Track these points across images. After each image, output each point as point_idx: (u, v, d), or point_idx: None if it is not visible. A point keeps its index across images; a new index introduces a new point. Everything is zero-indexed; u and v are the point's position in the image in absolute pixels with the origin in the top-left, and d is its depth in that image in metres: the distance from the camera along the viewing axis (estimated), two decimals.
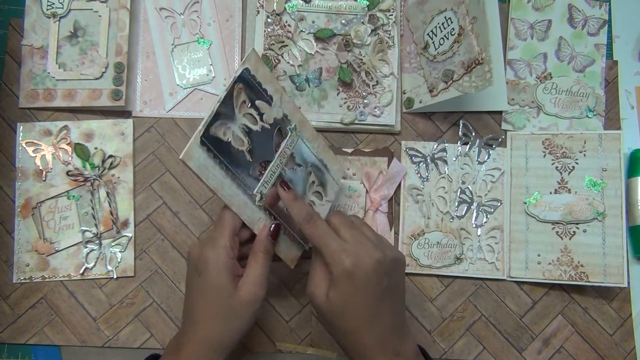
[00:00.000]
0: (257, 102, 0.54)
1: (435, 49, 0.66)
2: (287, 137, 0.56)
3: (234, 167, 0.52)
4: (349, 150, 0.68)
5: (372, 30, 0.68)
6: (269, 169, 0.54)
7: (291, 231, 0.57)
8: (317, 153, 0.60)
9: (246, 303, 0.50)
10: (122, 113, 0.68)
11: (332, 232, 0.51)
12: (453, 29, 0.63)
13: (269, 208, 0.55)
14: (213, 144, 0.51)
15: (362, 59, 0.68)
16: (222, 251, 0.51)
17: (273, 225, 0.54)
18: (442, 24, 0.65)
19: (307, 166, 0.58)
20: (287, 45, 0.68)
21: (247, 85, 0.52)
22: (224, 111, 0.51)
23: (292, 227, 0.57)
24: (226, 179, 0.52)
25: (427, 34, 0.67)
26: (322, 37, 0.68)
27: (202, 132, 0.50)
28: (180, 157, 0.49)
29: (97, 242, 0.65)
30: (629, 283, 0.67)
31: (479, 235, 0.67)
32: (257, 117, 0.54)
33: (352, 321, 0.49)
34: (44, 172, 0.66)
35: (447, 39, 0.64)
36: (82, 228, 0.65)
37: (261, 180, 0.54)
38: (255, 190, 0.54)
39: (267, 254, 0.53)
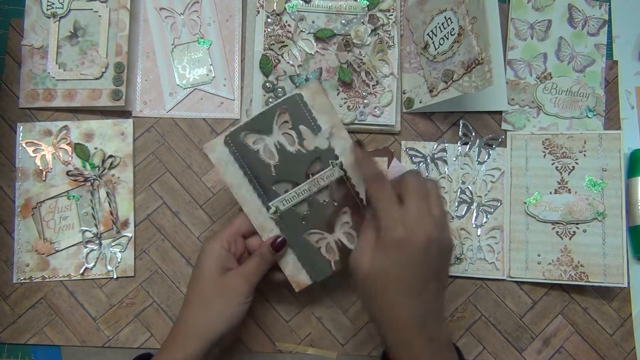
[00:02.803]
0: (301, 127, 0.54)
1: (435, 49, 0.66)
2: (326, 169, 0.55)
3: (256, 174, 0.54)
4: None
5: (372, 30, 0.68)
6: (294, 190, 0.55)
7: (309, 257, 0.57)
8: (362, 199, 0.56)
9: (229, 291, 0.52)
10: (122, 113, 0.68)
11: (395, 199, 0.48)
12: (453, 29, 0.63)
13: (275, 251, 0.55)
14: (238, 148, 0.54)
15: (362, 59, 0.68)
16: (217, 243, 0.53)
17: (279, 239, 0.55)
18: (442, 24, 0.65)
19: (342, 205, 0.56)
20: (287, 45, 0.68)
21: (294, 108, 0.54)
22: (261, 125, 0.54)
23: (309, 253, 0.57)
24: (244, 181, 0.54)
25: (427, 34, 0.67)
26: (322, 37, 0.68)
27: (228, 134, 0.53)
28: (203, 147, 0.52)
29: (97, 242, 0.65)
30: (629, 283, 0.67)
31: (479, 235, 0.67)
32: (296, 140, 0.54)
33: (393, 295, 0.46)
34: (44, 172, 0.66)
35: (447, 39, 0.64)
36: (82, 228, 0.65)
37: (282, 197, 0.55)
38: (271, 203, 0.55)
39: (263, 259, 0.55)
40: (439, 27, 0.65)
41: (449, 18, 0.64)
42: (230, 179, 0.54)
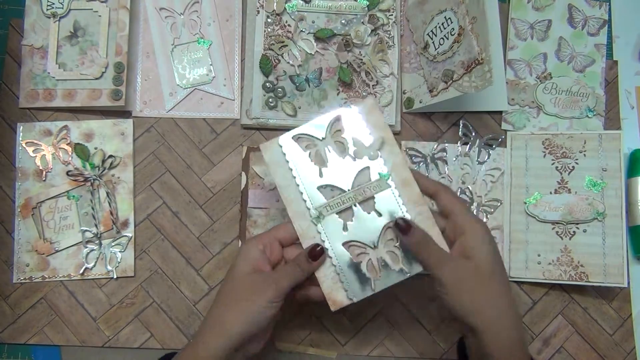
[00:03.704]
0: (354, 137, 0.55)
1: (435, 49, 0.66)
2: (374, 180, 0.54)
3: (304, 178, 0.54)
4: None
5: (372, 30, 0.68)
6: (339, 197, 0.54)
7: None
8: (412, 218, 0.54)
9: (254, 291, 0.51)
10: (122, 113, 0.68)
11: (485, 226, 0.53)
12: (453, 29, 0.63)
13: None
14: (290, 150, 0.55)
15: (362, 59, 0.68)
16: (253, 244, 0.53)
17: (318, 248, 0.53)
18: (442, 24, 0.65)
19: (389, 220, 0.54)
20: (287, 45, 0.68)
21: (350, 121, 0.55)
22: (315, 130, 0.55)
23: (348, 267, 0.54)
24: (292, 183, 0.54)
25: (427, 34, 0.67)
26: (322, 37, 0.68)
27: (283, 136, 0.55)
28: (259, 145, 0.55)
29: (97, 242, 0.65)
30: (629, 283, 0.67)
31: None
32: (347, 148, 0.55)
33: (502, 283, 0.51)
34: (44, 172, 0.66)
35: (447, 39, 0.64)
36: (82, 228, 0.65)
37: (326, 202, 0.54)
38: (315, 207, 0.54)
39: (298, 267, 0.53)
40: (439, 27, 0.65)
41: (449, 18, 0.64)
42: (279, 180, 0.55)
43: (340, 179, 0.55)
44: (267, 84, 0.67)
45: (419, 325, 0.66)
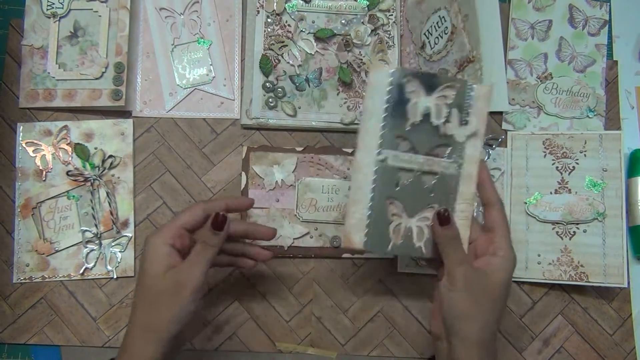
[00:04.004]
0: (455, 110, 0.53)
1: (431, 49, 0.66)
2: (448, 160, 0.54)
3: (393, 118, 0.53)
4: (349, 150, 0.68)
5: (372, 30, 0.68)
6: (411, 155, 0.53)
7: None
8: (454, 212, 0.54)
9: (174, 288, 0.50)
10: (122, 113, 0.68)
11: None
12: (446, 27, 0.63)
13: None
14: (397, 85, 0.53)
15: (362, 59, 0.68)
16: (159, 239, 0.51)
17: (220, 216, 0.52)
18: (437, 23, 0.65)
19: (437, 201, 0.54)
20: (287, 45, 0.68)
21: (461, 92, 0.53)
22: (429, 82, 0.53)
23: (379, 220, 0.53)
24: (379, 115, 0.53)
25: (424, 34, 0.67)
26: (322, 37, 0.68)
27: (399, 69, 0.52)
28: (372, 65, 0.54)
29: (97, 242, 0.65)
30: (629, 283, 0.67)
31: None
32: (445, 118, 0.53)
33: (498, 311, 0.52)
34: (44, 172, 0.66)
35: (441, 38, 0.64)
36: (82, 228, 0.65)
37: (397, 152, 0.53)
38: (385, 149, 0.53)
39: (206, 244, 0.51)
40: (434, 26, 0.65)
41: (443, 17, 0.63)
42: (370, 105, 0.53)
43: (421, 140, 0.53)
44: (267, 84, 0.67)
45: (419, 325, 0.66)
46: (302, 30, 0.68)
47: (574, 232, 0.66)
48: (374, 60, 0.68)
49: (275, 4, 0.68)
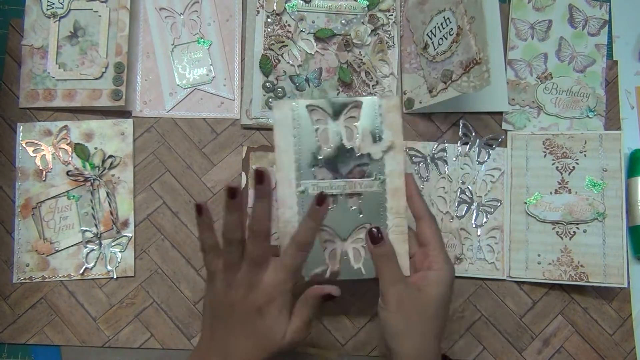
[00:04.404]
0: (365, 128, 0.54)
1: (435, 49, 0.66)
2: (369, 179, 0.54)
3: (304, 149, 0.54)
4: None
5: (372, 30, 0.68)
6: (329, 181, 0.54)
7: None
8: (389, 227, 0.55)
9: (288, 346, 0.51)
10: (122, 113, 0.68)
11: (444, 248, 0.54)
12: (451, 29, 0.63)
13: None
14: (301, 118, 0.54)
15: (362, 59, 0.68)
16: (288, 296, 0.51)
17: (327, 291, 0.51)
18: (441, 24, 0.64)
19: (367, 221, 0.55)
20: (287, 45, 0.68)
21: (368, 110, 0.54)
22: (332, 108, 0.54)
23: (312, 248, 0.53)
24: (291, 149, 0.54)
25: (427, 34, 0.67)
26: (322, 37, 0.68)
27: (299, 102, 0.54)
28: (274, 102, 0.56)
29: (97, 242, 0.65)
30: (629, 283, 0.67)
31: (479, 235, 0.67)
32: (355, 138, 0.54)
33: (437, 327, 0.52)
34: (44, 172, 0.66)
35: (446, 39, 0.64)
36: (82, 228, 0.65)
37: (315, 181, 0.54)
38: (303, 181, 0.54)
39: (314, 309, 0.52)
40: (438, 27, 0.65)
41: (448, 18, 0.63)
42: (280, 142, 0.54)
43: (337, 165, 0.55)
44: (267, 84, 0.67)
45: None
46: (302, 30, 0.68)
47: (574, 232, 0.66)
48: (374, 60, 0.68)
49: (275, 4, 0.68)
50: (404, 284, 0.52)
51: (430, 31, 0.66)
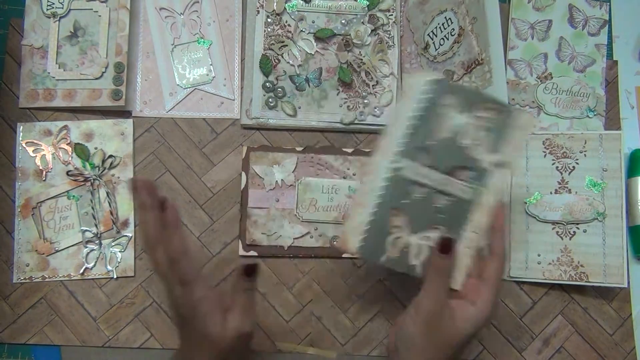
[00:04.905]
0: (487, 135, 0.51)
1: (436, 50, 0.66)
2: (467, 184, 0.51)
3: (420, 127, 0.51)
4: (349, 150, 0.68)
5: (372, 30, 0.68)
6: (428, 169, 0.51)
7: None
8: (458, 237, 0.52)
9: (234, 341, 0.51)
10: (122, 113, 0.68)
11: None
12: (453, 29, 0.63)
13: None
14: (433, 96, 0.50)
15: (362, 59, 0.68)
16: (210, 292, 0.51)
17: (247, 265, 0.52)
18: (443, 24, 0.65)
19: (444, 222, 0.52)
20: (287, 45, 0.68)
21: (500, 118, 0.51)
22: (469, 99, 0.51)
23: (378, 229, 0.52)
24: (406, 121, 0.51)
25: (428, 35, 0.67)
26: (322, 37, 0.68)
27: (441, 79, 0.50)
28: (415, 75, 0.52)
29: (97, 242, 0.65)
30: (629, 283, 0.67)
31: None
32: (474, 139, 0.51)
33: (456, 355, 0.51)
34: (44, 172, 0.66)
35: (447, 39, 0.64)
36: (82, 228, 0.65)
37: (415, 164, 0.51)
38: (403, 158, 0.51)
39: (247, 292, 0.52)
40: (440, 27, 0.65)
41: (449, 18, 0.63)
42: (401, 109, 0.51)
43: (443, 157, 0.51)
44: (267, 84, 0.67)
45: None
46: (302, 30, 0.68)
47: (574, 232, 0.66)
48: (374, 60, 0.68)
49: (275, 4, 0.68)
50: (443, 305, 0.50)
51: (432, 31, 0.66)
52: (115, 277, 0.65)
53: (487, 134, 0.51)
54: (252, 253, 0.66)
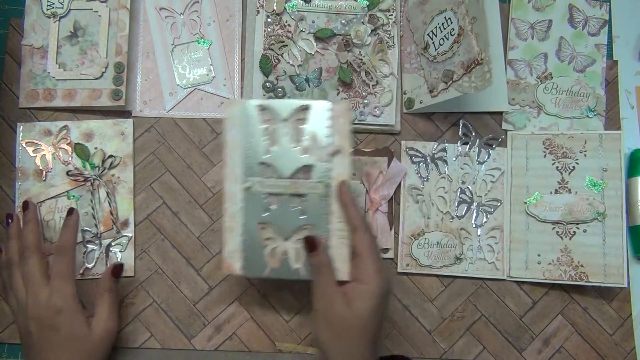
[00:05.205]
0: (314, 131, 0.55)
1: (435, 50, 0.66)
2: (314, 180, 0.55)
3: (252, 147, 0.56)
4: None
5: (372, 30, 0.68)
6: (275, 180, 0.56)
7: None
8: (332, 232, 0.56)
9: (102, 339, 0.57)
10: (122, 113, 0.68)
11: (377, 249, 0.54)
12: (453, 29, 0.63)
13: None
14: (250, 117, 0.56)
15: (362, 59, 0.68)
16: (72, 300, 0.55)
17: (115, 265, 0.59)
18: (442, 24, 0.64)
19: (311, 222, 0.56)
20: (287, 45, 0.68)
21: (317, 113, 0.55)
22: (282, 109, 0.56)
23: (253, 246, 0.57)
24: (240, 146, 0.56)
25: (427, 35, 0.67)
26: (322, 37, 0.68)
27: (250, 101, 0.56)
28: (226, 101, 0.59)
29: (97, 242, 0.65)
30: (629, 283, 0.67)
31: (479, 235, 0.67)
32: (303, 140, 0.56)
33: (369, 338, 0.52)
34: (44, 172, 0.66)
35: (447, 39, 0.64)
36: (82, 228, 0.65)
37: (261, 179, 0.56)
38: (250, 178, 0.56)
39: (112, 292, 0.58)
40: (439, 27, 0.65)
41: (449, 18, 0.63)
42: (231, 138, 0.56)
43: (284, 165, 0.56)
44: (267, 84, 0.67)
45: (419, 325, 0.66)
46: (302, 30, 0.68)
47: (574, 232, 0.66)
48: (374, 60, 0.68)
49: (275, 4, 0.68)
50: (333, 297, 0.52)
51: (431, 31, 0.66)
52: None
53: (312, 130, 0.55)
54: None
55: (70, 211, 0.59)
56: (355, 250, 0.53)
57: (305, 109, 0.56)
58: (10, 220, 0.60)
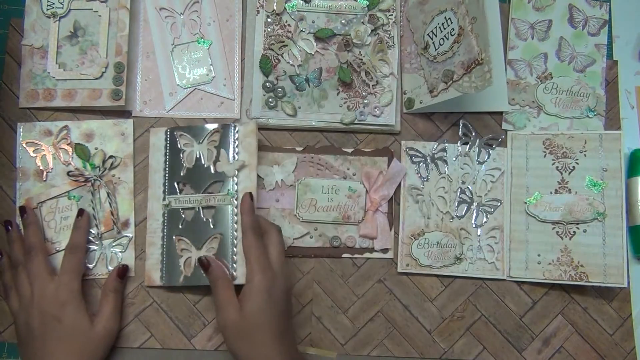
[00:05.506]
0: (222, 150, 0.63)
1: (435, 50, 0.66)
2: (221, 194, 0.62)
3: (171, 168, 0.64)
4: (349, 150, 0.68)
5: (372, 30, 0.68)
6: (188, 195, 0.63)
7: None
8: (238, 242, 0.61)
9: (103, 337, 0.59)
10: (122, 113, 0.68)
11: (264, 250, 0.57)
12: (453, 29, 0.63)
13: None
14: (171, 142, 0.65)
15: (362, 59, 0.68)
16: (77, 294, 0.58)
17: (121, 266, 0.63)
18: (442, 24, 0.64)
19: (218, 230, 0.62)
20: (287, 45, 0.68)
21: (227, 134, 0.63)
22: (197, 134, 0.64)
23: (170, 257, 0.64)
24: (161, 169, 0.65)
25: (427, 35, 0.67)
26: (322, 37, 0.68)
27: (172, 128, 0.65)
28: (151, 129, 0.66)
29: (97, 242, 0.65)
30: (629, 283, 0.67)
31: (479, 235, 0.67)
32: (214, 158, 0.63)
33: (267, 334, 0.54)
34: (45, 173, 0.66)
35: (447, 39, 0.64)
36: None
37: (177, 196, 0.64)
38: (168, 196, 0.64)
39: (117, 293, 0.62)
40: (439, 27, 0.65)
41: (449, 18, 0.63)
42: (154, 163, 0.65)
43: (197, 182, 0.63)
44: (267, 84, 0.67)
45: (419, 325, 0.66)
46: (302, 30, 0.68)
47: (574, 232, 0.66)
48: (374, 60, 0.68)
49: (275, 4, 0.68)
50: (229, 306, 0.55)
51: (431, 31, 0.66)
52: None
53: (221, 150, 0.63)
54: None
55: (81, 212, 0.63)
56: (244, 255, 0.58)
57: (217, 131, 0.63)
58: (9, 227, 0.62)
